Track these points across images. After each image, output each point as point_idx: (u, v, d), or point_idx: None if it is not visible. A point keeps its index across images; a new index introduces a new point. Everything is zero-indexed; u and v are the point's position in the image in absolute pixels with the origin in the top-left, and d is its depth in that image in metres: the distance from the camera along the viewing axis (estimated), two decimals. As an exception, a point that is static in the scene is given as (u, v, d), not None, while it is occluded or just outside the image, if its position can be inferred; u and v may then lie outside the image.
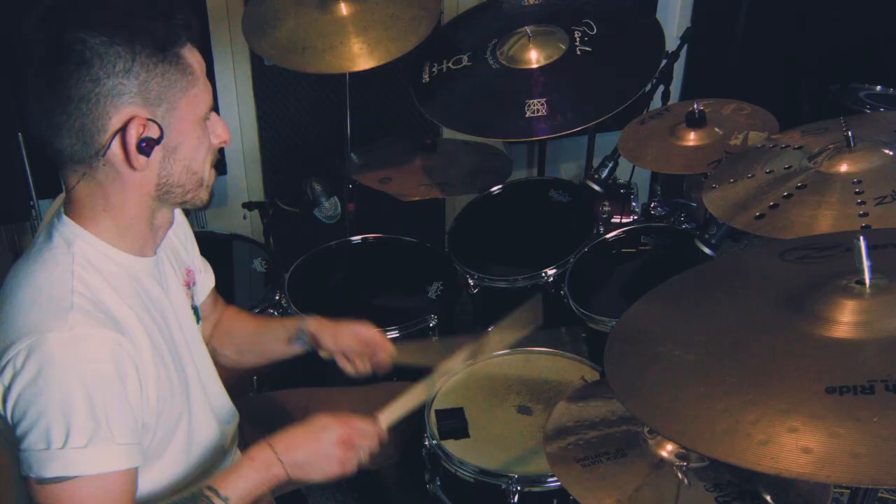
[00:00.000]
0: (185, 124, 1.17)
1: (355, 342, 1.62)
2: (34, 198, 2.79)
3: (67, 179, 1.17)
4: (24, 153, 2.69)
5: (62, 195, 1.22)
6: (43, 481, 1.09)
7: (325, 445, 1.32)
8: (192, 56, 1.18)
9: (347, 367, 1.62)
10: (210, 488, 1.22)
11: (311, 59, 2.23)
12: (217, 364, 1.48)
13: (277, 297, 2.20)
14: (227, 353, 1.64)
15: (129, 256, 1.22)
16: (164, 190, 1.20)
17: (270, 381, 2.23)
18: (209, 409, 1.39)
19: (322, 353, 1.63)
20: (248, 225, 2.85)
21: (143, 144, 1.13)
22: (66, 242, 1.17)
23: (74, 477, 1.09)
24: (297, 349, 1.63)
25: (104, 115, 1.11)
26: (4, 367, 1.08)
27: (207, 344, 1.48)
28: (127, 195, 1.18)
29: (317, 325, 1.61)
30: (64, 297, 1.12)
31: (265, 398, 1.82)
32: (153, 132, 1.14)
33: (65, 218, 1.18)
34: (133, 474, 1.16)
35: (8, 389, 1.09)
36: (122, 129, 1.12)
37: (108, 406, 1.11)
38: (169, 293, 1.31)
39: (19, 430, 1.09)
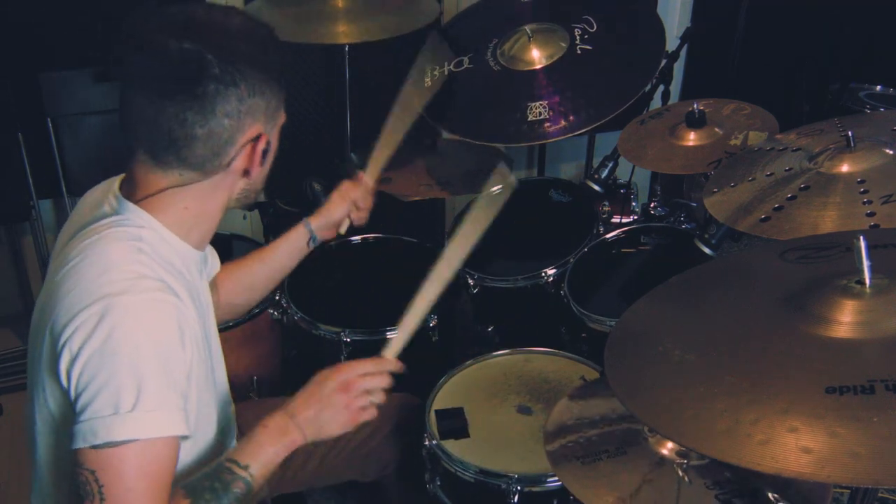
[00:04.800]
0: (274, 136, 1.30)
1: (349, 193, 1.79)
2: (34, 198, 2.80)
3: (160, 178, 1.22)
4: (24, 153, 2.70)
5: (117, 178, 1.29)
6: (112, 444, 1.09)
7: (326, 396, 1.34)
8: None
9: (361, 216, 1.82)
10: (230, 460, 1.25)
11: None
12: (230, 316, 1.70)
13: (277, 297, 2.20)
14: (239, 300, 1.72)
15: (189, 248, 1.29)
16: (245, 193, 1.31)
17: (270, 380, 2.23)
18: (225, 390, 1.45)
19: (342, 231, 1.80)
20: (248, 225, 2.85)
21: (264, 157, 1.27)
22: (135, 226, 1.22)
23: (143, 439, 1.10)
24: (310, 249, 1.76)
25: (239, 130, 1.21)
26: (74, 331, 1.10)
27: (217, 308, 1.50)
28: (215, 197, 1.27)
29: (316, 218, 1.76)
30: (133, 267, 1.17)
31: (261, 404, 1.83)
32: (266, 144, 1.26)
33: (130, 205, 1.23)
34: (179, 440, 1.18)
35: (76, 356, 1.10)
36: (252, 143, 1.24)
37: (175, 370, 1.15)
38: (204, 283, 1.39)
39: (84, 398, 1.10)
